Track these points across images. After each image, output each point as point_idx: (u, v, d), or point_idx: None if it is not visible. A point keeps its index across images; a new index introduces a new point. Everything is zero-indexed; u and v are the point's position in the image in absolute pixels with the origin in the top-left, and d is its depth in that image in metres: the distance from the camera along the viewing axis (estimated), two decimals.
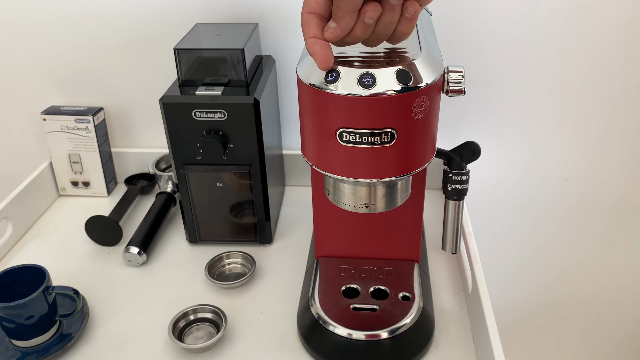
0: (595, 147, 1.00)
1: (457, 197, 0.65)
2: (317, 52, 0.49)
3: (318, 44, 0.48)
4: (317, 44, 0.48)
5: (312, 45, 0.48)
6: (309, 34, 0.48)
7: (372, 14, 0.47)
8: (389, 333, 0.65)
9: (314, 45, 0.48)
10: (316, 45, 0.48)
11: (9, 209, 0.88)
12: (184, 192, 0.83)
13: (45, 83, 1.00)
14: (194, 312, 0.73)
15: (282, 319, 0.74)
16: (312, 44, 0.48)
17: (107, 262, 0.85)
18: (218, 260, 0.82)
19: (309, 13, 0.48)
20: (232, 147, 0.78)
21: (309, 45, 0.49)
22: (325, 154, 0.55)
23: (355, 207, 0.59)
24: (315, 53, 0.49)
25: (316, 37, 0.48)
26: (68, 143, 0.97)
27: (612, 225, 1.09)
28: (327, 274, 0.74)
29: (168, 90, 0.77)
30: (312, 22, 0.48)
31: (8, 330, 0.68)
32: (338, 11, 0.47)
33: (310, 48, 0.49)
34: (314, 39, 0.48)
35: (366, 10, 0.47)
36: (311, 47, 0.49)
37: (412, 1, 0.47)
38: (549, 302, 1.20)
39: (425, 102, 0.52)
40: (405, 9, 0.47)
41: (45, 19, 0.94)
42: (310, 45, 0.49)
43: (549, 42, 0.90)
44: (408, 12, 0.48)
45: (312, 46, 0.49)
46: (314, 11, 0.48)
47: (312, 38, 0.48)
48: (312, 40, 0.48)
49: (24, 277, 0.70)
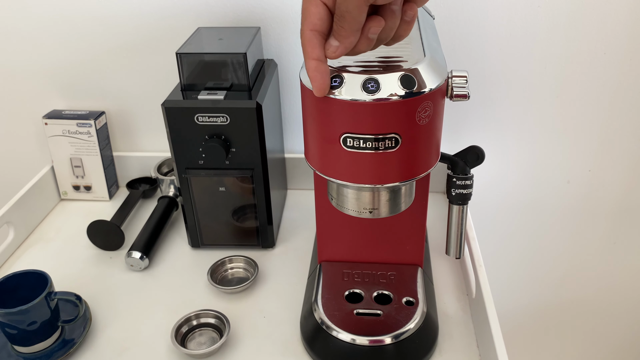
0: (597, 150, 0.99)
1: (461, 201, 0.64)
2: (317, 80, 0.47)
3: (319, 70, 0.47)
4: (318, 69, 0.47)
5: (314, 70, 0.47)
6: (312, 54, 0.46)
7: (376, 29, 0.45)
8: (392, 338, 0.65)
9: (315, 70, 0.47)
10: (317, 72, 0.47)
11: (10, 214, 0.88)
12: (186, 197, 0.82)
13: (47, 87, 1.00)
14: (196, 317, 0.72)
15: (285, 324, 0.73)
16: (314, 69, 0.47)
17: (109, 266, 0.85)
18: (220, 264, 0.82)
19: (311, 31, 0.46)
20: (235, 151, 0.78)
21: (311, 67, 0.47)
22: (329, 160, 0.55)
23: (359, 212, 0.59)
24: (315, 80, 0.47)
25: (319, 59, 0.46)
26: (70, 147, 0.97)
27: (614, 228, 1.08)
28: (330, 279, 0.74)
29: (170, 95, 0.77)
30: (315, 41, 0.46)
31: (10, 336, 0.68)
32: (341, 31, 0.45)
33: (312, 72, 0.47)
34: (317, 62, 0.46)
35: (370, 26, 0.45)
36: (312, 72, 0.47)
37: (411, 4, 0.46)
38: (552, 304, 1.20)
39: (429, 107, 0.51)
40: (404, 12, 0.47)
41: (46, 23, 0.93)
42: (312, 69, 0.47)
43: (551, 45, 0.90)
44: (407, 15, 0.47)
45: (313, 71, 0.47)
46: (316, 29, 0.45)
47: (315, 60, 0.46)
48: (315, 63, 0.46)
49: (26, 283, 0.69)
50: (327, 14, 0.45)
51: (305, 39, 0.46)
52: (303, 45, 0.46)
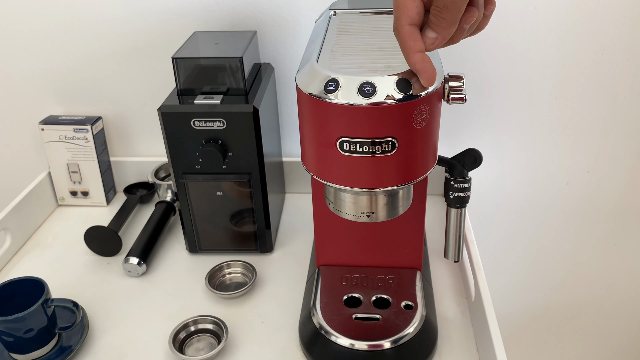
0: (596, 151, 0.99)
1: (459, 204, 0.64)
2: (428, 71, 0.47)
3: (427, 61, 0.47)
4: (425, 60, 0.46)
5: (422, 62, 0.46)
6: (415, 48, 0.46)
7: (471, 19, 0.46)
8: (391, 343, 0.65)
9: (423, 62, 0.46)
10: (425, 63, 0.46)
11: (7, 220, 0.87)
12: (184, 202, 0.82)
13: (43, 93, 0.99)
14: (194, 323, 0.72)
15: (284, 329, 0.73)
16: (422, 61, 0.46)
17: (107, 272, 0.84)
18: (218, 269, 0.82)
19: (410, 25, 0.46)
20: (232, 155, 0.78)
21: (418, 60, 0.46)
22: (325, 164, 0.54)
23: (356, 216, 0.59)
24: (426, 71, 0.47)
25: (422, 51, 0.46)
26: (67, 153, 0.96)
27: (614, 229, 1.08)
28: (328, 283, 0.74)
29: (167, 100, 0.77)
30: (416, 34, 0.46)
31: (7, 344, 0.67)
32: (442, 22, 0.45)
33: (420, 65, 0.46)
34: (422, 54, 0.46)
35: (466, 17, 0.46)
36: (420, 64, 0.46)
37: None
38: (551, 306, 1.19)
39: (426, 111, 0.51)
40: (486, 7, 0.49)
41: (43, 28, 0.93)
42: (420, 62, 0.46)
43: (548, 47, 0.90)
44: (488, 10, 0.49)
45: (421, 63, 0.46)
46: (415, 22, 0.46)
47: (420, 53, 0.46)
48: (421, 55, 0.46)
49: (23, 290, 0.69)
50: (423, 8, 0.46)
51: (406, 34, 0.46)
52: (404, 39, 0.46)
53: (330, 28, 0.65)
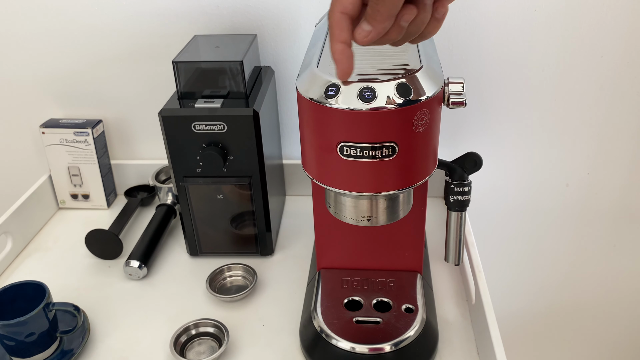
0: (596, 153, 0.99)
1: (460, 208, 0.64)
2: (343, 63, 0.47)
3: (345, 54, 0.46)
4: (344, 53, 0.46)
5: (340, 53, 0.46)
6: (339, 37, 0.46)
7: (409, 16, 0.45)
8: (392, 346, 0.65)
9: (341, 53, 0.46)
10: (343, 55, 0.46)
11: (8, 224, 0.87)
12: (184, 205, 0.82)
13: (44, 96, 0.99)
14: (195, 327, 0.72)
15: (285, 332, 0.73)
16: (341, 51, 0.46)
17: (108, 276, 0.85)
18: (219, 273, 0.82)
19: (342, 13, 0.45)
20: (232, 159, 0.78)
21: (337, 50, 0.46)
22: (326, 168, 0.54)
23: (357, 220, 0.59)
24: (341, 62, 0.47)
25: (346, 42, 0.46)
26: (67, 156, 0.96)
27: (614, 231, 1.08)
28: (329, 286, 0.74)
29: (167, 103, 0.77)
30: (343, 24, 0.45)
31: (8, 348, 0.67)
32: (377, 15, 0.44)
33: (337, 55, 0.46)
34: (344, 46, 0.46)
35: (403, 13, 0.45)
36: (338, 55, 0.46)
37: (442, 1, 0.47)
38: (551, 308, 1.19)
39: (426, 115, 0.51)
40: (435, 9, 0.47)
41: (43, 31, 0.93)
42: (338, 52, 0.46)
43: (548, 49, 0.90)
44: (438, 12, 0.47)
45: (339, 53, 0.46)
46: (347, 12, 0.45)
47: (342, 43, 0.46)
48: (342, 46, 0.46)
49: (24, 294, 0.69)
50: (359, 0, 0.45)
51: (335, 21, 0.46)
52: (331, 27, 0.46)
53: None
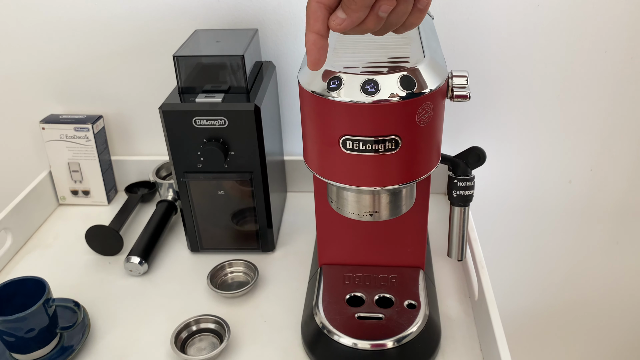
0: (599, 150, 0.99)
1: (463, 203, 0.64)
2: (314, 53, 0.46)
3: (317, 44, 0.46)
4: (317, 44, 0.46)
5: (312, 44, 0.46)
6: (313, 27, 0.45)
7: (387, 7, 0.45)
8: (394, 342, 0.64)
9: (313, 44, 0.46)
10: (315, 46, 0.46)
11: (8, 220, 0.87)
12: (185, 201, 0.82)
13: (44, 92, 0.99)
14: (196, 323, 0.72)
15: (286, 328, 0.73)
16: (313, 42, 0.46)
17: (108, 272, 0.84)
18: (220, 269, 0.81)
19: (318, 3, 0.45)
20: (233, 154, 0.77)
21: (310, 40, 0.46)
22: (328, 162, 0.54)
23: (359, 215, 0.58)
24: (312, 53, 0.46)
25: (319, 32, 0.46)
26: (67, 152, 0.96)
27: (617, 228, 1.08)
28: (331, 282, 0.73)
29: (168, 98, 0.77)
30: (319, 14, 0.45)
31: (8, 344, 0.67)
32: (352, 4, 0.44)
33: (309, 45, 0.46)
34: (317, 36, 0.46)
35: (381, 4, 0.45)
36: (310, 45, 0.46)
37: None
38: (554, 305, 1.19)
39: (429, 109, 0.51)
40: (419, 1, 0.46)
41: (42, 27, 0.93)
42: (311, 42, 0.46)
43: (551, 44, 0.89)
44: (421, 3, 0.47)
45: (312, 44, 0.46)
46: (324, 2, 0.45)
47: (315, 34, 0.46)
48: (315, 36, 0.46)
49: (24, 289, 0.69)
50: None
51: (311, 10, 0.46)
52: (307, 16, 0.46)
53: None
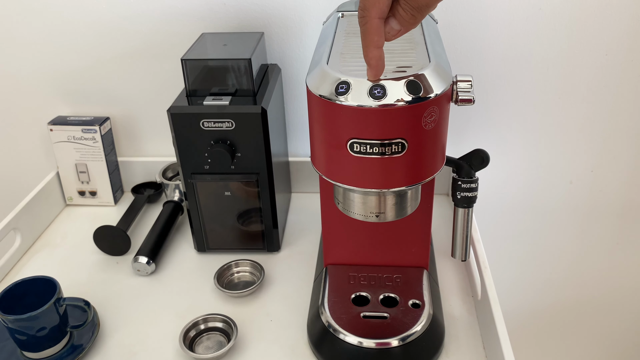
0: (600, 151, 1.00)
1: (467, 204, 0.65)
2: (380, 68, 0.48)
3: (382, 59, 0.48)
4: (381, 58, 0.48)
5: (377, 59, 0.48)
6: (378, 43, 0.47)
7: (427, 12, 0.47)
8: (399, 341, 0.66)
9: (379, 60, 0.48)
10: (380, 60, 0.48)
11: (17, 220, 0.88)
12: (192, 201, 0.83)
13: (52, 93, 1.00)
14: (204, 322, 0.73)
15: (292, 327, 0.74)
16: (378, 58, 0.47)
17: (116, 272, 0.85)
18: (227, 268, 0.83)
19: (380, 19, 0.46)
20: (240, 156, 0.78)
21: (375, 56, 0.47)
22: (335, 164, 0.55)
23: (365, 216, 0.59)
24: (378, 68, 0.48)
25: (381, 47, 0.47)
26: (75, 153, 0.97)
27: (618, 228, 1.09)
28: (336, 282, 0.74)
29: (176, 101, 0.78)
30: (381, 29, 0.46)
31: (20, 342, 0.68)
32: (412, 20, 0.46)
33: (375, 61, 0.48)
34: (379, 51, 0.47)
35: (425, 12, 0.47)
36: (376, 60, 0.48)
37: None
38: (556, 305, 1.20)
39: (435, 112, 0.52)
40: None
41: (51, 29, 0.94)
42: (377, 58, 0.48)
43: (553, 47, 0.90)
44: None
45: (377, 59, 0.48)
46: (383, 16, 0.46)
47: (379, 49, 0.47)
48: (379, 52, 0.47)
49: (35, 289, 0.70)
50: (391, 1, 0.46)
51: (373, 27, 0.46)
52: (368, 32, 0.47)
53: (338, 30, 0.66)
